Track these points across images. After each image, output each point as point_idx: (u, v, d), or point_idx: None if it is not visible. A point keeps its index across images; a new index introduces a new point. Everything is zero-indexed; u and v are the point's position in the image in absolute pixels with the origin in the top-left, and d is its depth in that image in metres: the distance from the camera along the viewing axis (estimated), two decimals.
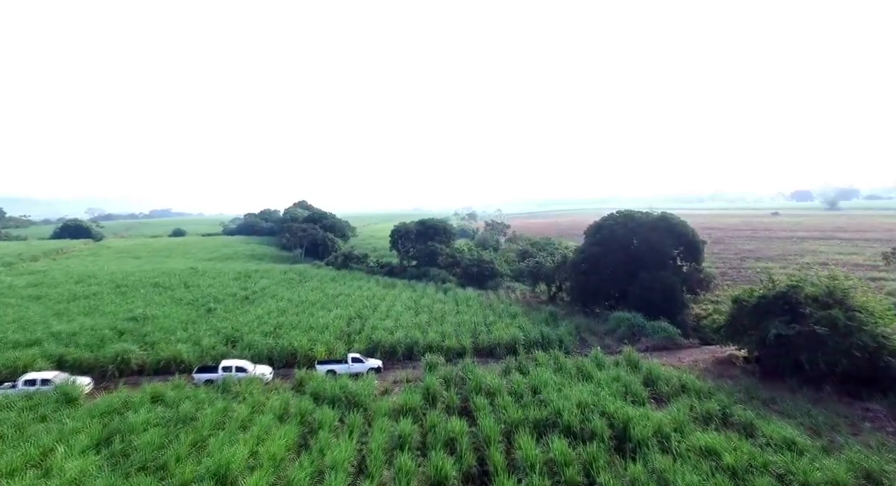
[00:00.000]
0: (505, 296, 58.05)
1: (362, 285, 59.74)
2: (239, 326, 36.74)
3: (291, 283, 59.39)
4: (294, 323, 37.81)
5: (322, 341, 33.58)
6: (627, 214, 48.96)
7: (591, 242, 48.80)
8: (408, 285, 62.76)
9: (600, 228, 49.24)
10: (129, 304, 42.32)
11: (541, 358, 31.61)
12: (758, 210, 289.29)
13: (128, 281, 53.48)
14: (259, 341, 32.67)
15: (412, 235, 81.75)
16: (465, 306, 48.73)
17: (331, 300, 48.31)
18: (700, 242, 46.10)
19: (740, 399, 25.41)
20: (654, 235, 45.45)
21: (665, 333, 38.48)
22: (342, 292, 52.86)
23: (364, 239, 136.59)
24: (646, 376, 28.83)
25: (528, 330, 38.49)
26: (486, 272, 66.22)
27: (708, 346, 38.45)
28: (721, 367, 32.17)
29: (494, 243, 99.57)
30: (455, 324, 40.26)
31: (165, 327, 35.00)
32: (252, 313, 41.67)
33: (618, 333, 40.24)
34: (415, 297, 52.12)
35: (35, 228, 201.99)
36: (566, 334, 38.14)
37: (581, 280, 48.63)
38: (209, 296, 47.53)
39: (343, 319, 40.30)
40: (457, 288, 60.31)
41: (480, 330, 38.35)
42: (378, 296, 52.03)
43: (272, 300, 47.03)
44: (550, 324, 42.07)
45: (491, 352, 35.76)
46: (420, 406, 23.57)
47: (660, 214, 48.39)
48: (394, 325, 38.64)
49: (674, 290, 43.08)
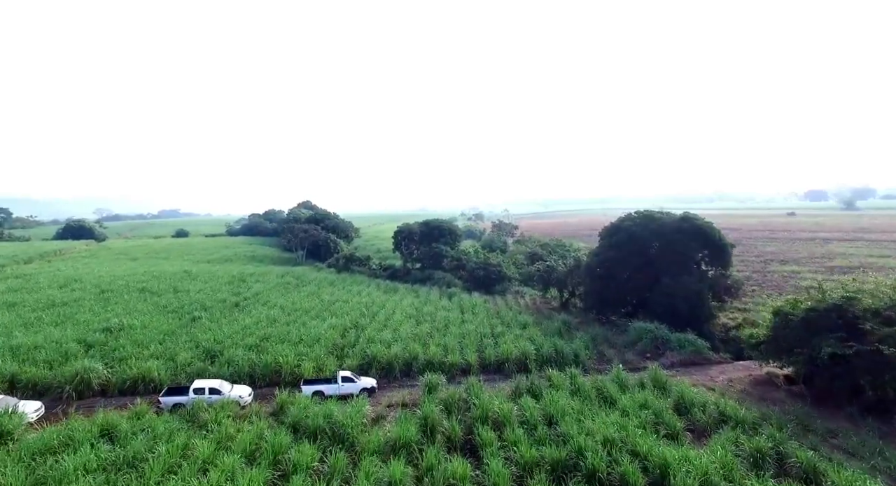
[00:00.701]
0: (514, 302, 54.45)
1: (362, 289, 56.41)
2: (222, 337, 33.49)
3: (287, 287, 56.20)
4: (282, 335, 34.49)
5: (311, 357, 30.20)
6: (647, 214, 45.13)
7: (607, 244, 45.03)
8: (410, 289, 59.38)
9: (617, 230, 45.45)
10: (108, 312, 39.23)
11: (555, 378, 27.97)
12: (772, 210, 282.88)
13: (114, 286, 50.55)
14: (241, 357, 29.36)
15: (416, 237, 78.36)
16: (471, 313, 45.20)
17: (326, 308, 44.97)
18: (728, 244, 42.20)
19: (793, 432, 21.66)
20: (677, 237, 41.62)
21: (693, 347, 34.65)
22: (339, 298, 49.55)
23: (368, 240, 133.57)
24: (677, 400, 25.11)
25: (539, 343, 34.87)
26: (494, 276, 62.67)
27: (740, 361, 34.55)
28: (761, 389, 28.30)
29: (502, 244, 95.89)
30: (459, 335, 36.73)
31: (140, 340, 31.74)
32: (239, 322, 38.43)
33: (639, 346, 36.47)
34: (417, 303, 48.66)
35: (41, 228, 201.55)
36: (582, 347, 34.46)
37: (596, 286, 44.90)
38: (197, 302, 44.41)
39: (337, 329, 36.92)
40: (462, 293, 56.79)
41: (487, 343, 34.78)
42: (378, 302, 48.64)
43: (263, 308, 43.79)
44: (564, 335, 38.44)
45: (499, 368, 32.17)
46: (416, 441, 20.08)
47: (682, 214, 44.53)
48: (392, 337, 35.20)
49: (700, 297, 39.23)
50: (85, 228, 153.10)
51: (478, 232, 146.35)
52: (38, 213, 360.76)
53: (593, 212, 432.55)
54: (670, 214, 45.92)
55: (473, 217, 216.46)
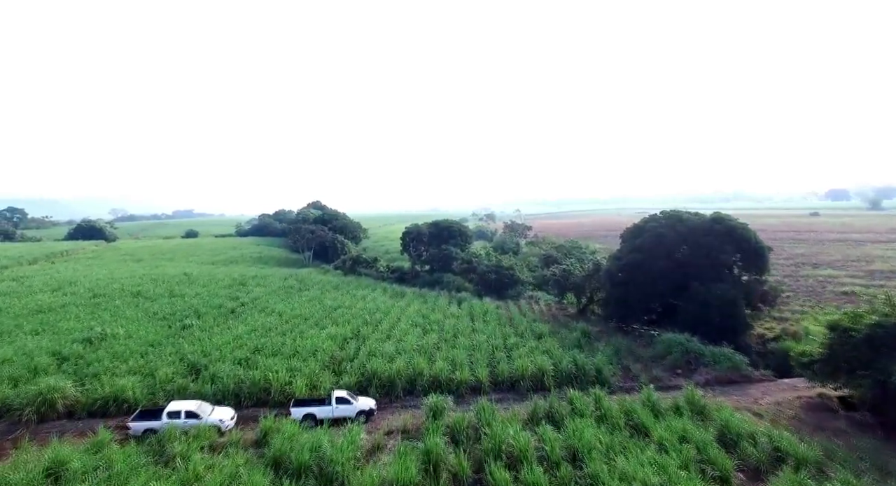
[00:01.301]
0: (528, 308, 51.09)
1: (367, 294, 53.55)
2: (211, 349, 30.81)
3: (289, 292, 53.62)
4: (276, 346, 31.70)
5: (304, 373, 27.31)
6: (673, 214, 41.49)
7: (629, 247, 41.48)
8: (418, 294, 56.39)
9: (641, 232, 41.89)
10: (95, 319, 36.86)
11: (577, 400, 24.68)
12: (792, 210, 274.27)
13: (108, 290, 48.40)
14: (227, 372, 26.60)
15: (425, 238, 75.40)
16: (482, 321, 42.02)
17: (327, 315, 42.16)
18: (765, 247, 38.37)
19: (863, 470, 18.17)
20: (708, 239, 37.96)
21: (729, 362, 31.03)
22: (342, 304, 46.73)
23: (377, 241, 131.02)
24: (721, 430, 21.67)
25: (557, 357, 31.58)
26: (506, 280, 59.39)
27: (784, 379, 30.83)
28: (817, 415, 24.64)
29: (514, 245, 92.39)
30: (469, 348, 33.60)
31: (121, 352, 29.17)
32: (232, 331, 35.79)
33: (668, 360, 32.94)
34: (424, 310, 45.62)
35: (55, 229, 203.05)
36: (605, 362, 31.04)
37: (618, 292, 41.37)
38: (191, 309, 41.94)
39: (336, 340, 34.04)
40: (473, 298, 53.63)
41: (499, 357, 31.57)
42: (382, 309, 45.70)
43: (260, 315, 41.13)
44: (584, 347, 35.05)
45: (513, 386, 28.96)
46: (416, 483, 17.05)
47: (713, 214, 40.80)
48: (395, 349, 32.20)
49: (734, 306, 35.53)
50: (96, 228, 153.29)
51: (489, 233, 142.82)
52: (57, 214, 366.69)
53: (607, 212, 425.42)
54: (699, 214, 42.22)
55: (485, 217, 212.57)
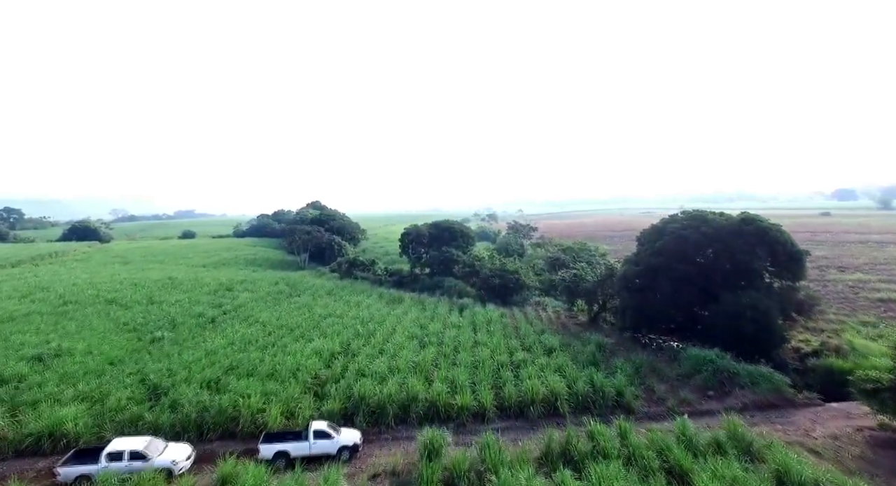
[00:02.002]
0: (535, 316, 47.26)
1: (362, 300, 49.83)
2: (178, 368, 27.15)
3: (278, 298, 49.97)
4: (253, 364, 28.01)
5: (281, 398, 23.62)
6: (697, 214, 37.63)
7: (649, 251, 37.62)
8: (417, 299, 52.63)
9: (660, 234, 38.04)
10: (56, 331, 33.26)
11: (598, 434, 20.91)
12: (801, 210, 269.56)
13: (80, 296, 44.83)
14: (190, 398, 22.94)
15: (425, 239, 71.65)
16: (486, 332, 38.27)
17: (316, 325, 38.47)
18: (801, 251, 34.45)
19: None
20: (737, 242, 34.09)
21: (769, 383, 27.18)
22: (334, 312, 43.03)
23: (376, 242, 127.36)
24: (777, 475, 17.85)
25: (571, 376, 27.82)
26: (511, 285, 55.52)
27: (832, 403, 26.96)
28: (887, 454, 20.78)
29: (518, 247, 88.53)
30: (471, 365, 29.84)
31: (73, 372, 25.49)
32: (208, 344, 32.14)
33: (696, 380, 29.06)
34: (422, 319, 41.89)
35: (50, 230, 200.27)
36: (626, 383, 27.24)
37: (636, 300, 37.53)
38: (166, 318, 38.33)
39: (322, 356, 30.32)
40: (475, 305, 49.85)
41: (506, 376, 27.77)
42: (377, 317, 41.99)
43: (241, 325, 37.47)
44: (600, 363, 31.24)
45: (521, 412, 25.20)
46: None
47: (742, 214, 36.92)
48: (388, 366, 28.47)
49: (769, 317, 31.62)
50: (90, 229, 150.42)
51: (492, 233, 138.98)
52: (59, 214, 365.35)
53: (610, 212, 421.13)
54: (723, 214, 38.36)
55: (487, 218, 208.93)
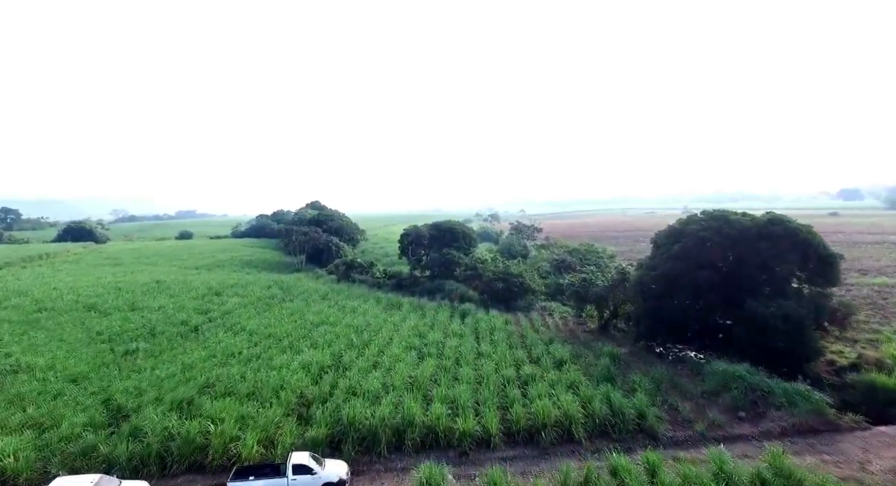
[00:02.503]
0: (541, 322, 44.46)
1: (358, 306, 47.06)
2: (149, 385, 24.46)
3: (269, 303, 47.23)
4: (233, 381, 25.28)
5: (259, 423, 20.85)
6: (719, 215, 34.75)
7: (666, 254, 34.76)
8: (416, 304, 49.86)
9: (679, 236, 35.18)
10: (22, 343, 30.55)
11: (622, 468, 18.13)
12: (808, 210, 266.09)
13: (58, 303, 42.18)
14: (156, 423, 20.21)
15: (425, 241, 68.85)
16: (489, 341, 35.51)
17: (307, 334, 35.73)
18: (835, 254, 31.54)
19: None
20: (764, 245, 31.21)
21: (809, 404, 24.31)
22: (327, 319, 40.27)
23: (376, 242, 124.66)
24: None
25: (585, 394, 25.03)
26: (515, 288, 52.67)
27: (880, 426, 24.06)
28: None
29: (522, 248, 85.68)
30: (474, 380, 27.06)
31: (26, 392, 22.77)
32: (187, 356, 29.44)
33: (725, 398, 26.15)
34: (422, 327, 39.12)
35: (49, 230, 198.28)
36: (647, 403, 24.43)
37: (652, 308, 34.72)
38: (146, 326, 35.66)
39: (311, 371, 27.56)
40: (478, 310, 47.11)
41: (513, 395, 24.95)
42: (374, 325, 39.24)
43: (225, 334, 34.75)
44: (615, 377, 28.43)
45: (531, 437, 22.39)
46: None
47: (768, 215, 34.04)
48: (382, 383, 25.73)
49: (802, 328, 28.76)
50: (85, 229, 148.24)
51: (494, 234, 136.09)
52: (61, 214, 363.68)
53: (612, 212, 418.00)
54: (746, 214, 35.50)
55: (489, 218, 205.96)
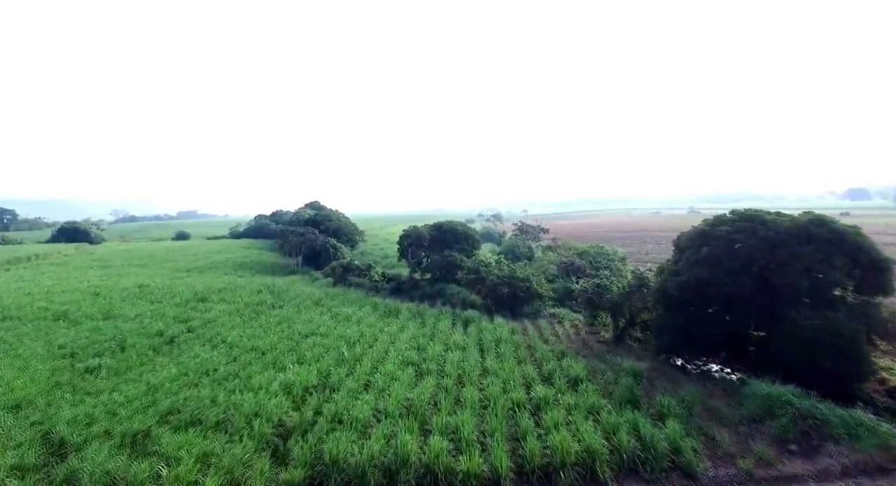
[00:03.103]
0: (550, 331, 40.93)
1: (352, 313, 43.60)
2: (103, 412, 21.02)
3: (258, 310, 43.81)
4: (202, 405, 21.81)
5: (224, 463, 17.38)
6: (752, 215, 31.18)
7: (692, 258, 31.18)
8: (415, 310, 46.40)
9: (706, 238, 31.60)
10: None
11: None
12: (816, 210, 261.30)
13: (26, 310, 38.80)
14: (98, 465, 16.80)
15: (425, 242, 65.48)
16: (495, 354, 32.04)
17: (293, 347, 32.27)
18: (888, 259, 27.95)
19: None
20: (808, 249, 27.68)
21: (874, 437, 20.70)
22: (317, 330, 36.81)
23: (376, 243, 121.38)
24: None
25: (608, 422, 21.51)
26: (521, 293, 49.19)
27: None
28: None
29: (527, 250, 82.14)
30: (479, 404, 23.58)
31: None
32: (155, 375, 26.00)
33: (771, 427, 22.51)
34: (421, 337, 35.69)
35: (45, 230, 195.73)
36: (681, 433, 20.90)
37: (676, 318, 31.15)
38: (117, 338, 32.25)
39: (293, 392, 24.08)
40: (482, 317, 43.63)
41: (525, 425, 21.41)
42: (368, 335, 35.82)
43: (203, 347, 31.30)
44: (640, 399, 24.91)
45: (547, 477, 18.86)
46: None
47: (809, 215, 30.51)
48: (374, 408, 22.28)
49: (856, 344, 25.19)
50: (80, 230, 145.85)
51: (497, 235, 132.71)
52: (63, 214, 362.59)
53: (616, 212, 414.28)
54: (783, 214, 31.97)
55: (492, 218, 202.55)
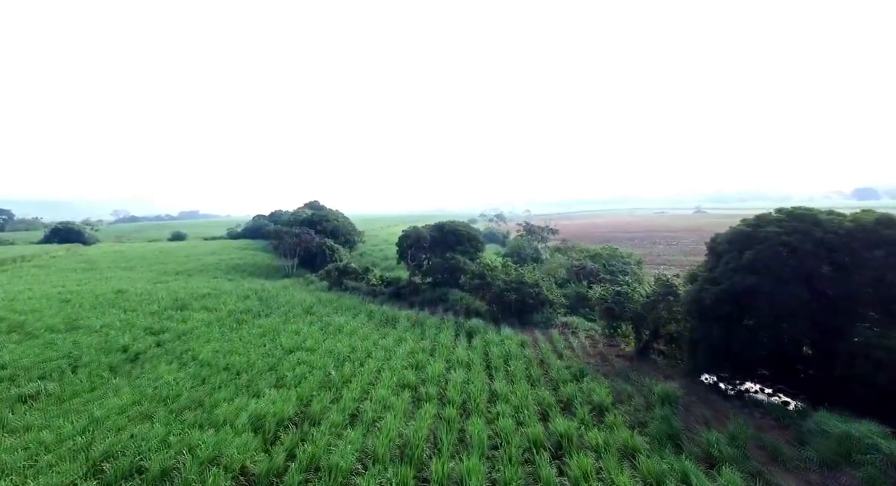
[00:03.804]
0: (564, 344, 36.79)
1: (345, 323, 39.54)
2: (22, 457, 17.01)
3: (241, 319, 39.81)
4: (148, 449, 17.76)
5: None
6: (804, 215, 26.95)
7: (733, 264, 26.94)
8: (414, 318, 42.33)
9: (748, 240, 27.37)
10: None
11: None
12: None
13: None
14: None
15: (426, 244, 61.37)
16: (504, 374, 27.92)
17: (274, 365, 28.20)
18: None
19: None
20: (878, 254, 23.49)
21: None
22: (302, 343, 32.72)
23: (376, 244, 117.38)
24: None
25: (650, 471, 17.34)
26: (530, 300, 45.09)
27: None
28: None
29: (533, 252, 77.95)
30: (488, 442, 19.46)
31: None
32: (102, 403, 21.95)
33: (847, 475, 18.45)
34: (420, 351, 31.61)
35: (37, 232, 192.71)
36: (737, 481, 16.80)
37: (715, 333, 26.91)
38: (72, 355, 28.24)
39: (266, 426, 19.96)
40: (488, 326, 39.60)
41: (545, 472, 17.26)
42: (361, 350, 31.74)
43: (170, 367, 27.24)
44: (681, 433, 20.77)
45: None
46: None
47: (872, 213, 26.24)
48: (360, 449, 18.19)
49: None
50: (73, 231, 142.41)
51: (500, 235, 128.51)
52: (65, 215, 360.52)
53: (618, 212, 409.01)
54: (838, 213, 27.71)
55: (495, 218, 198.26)
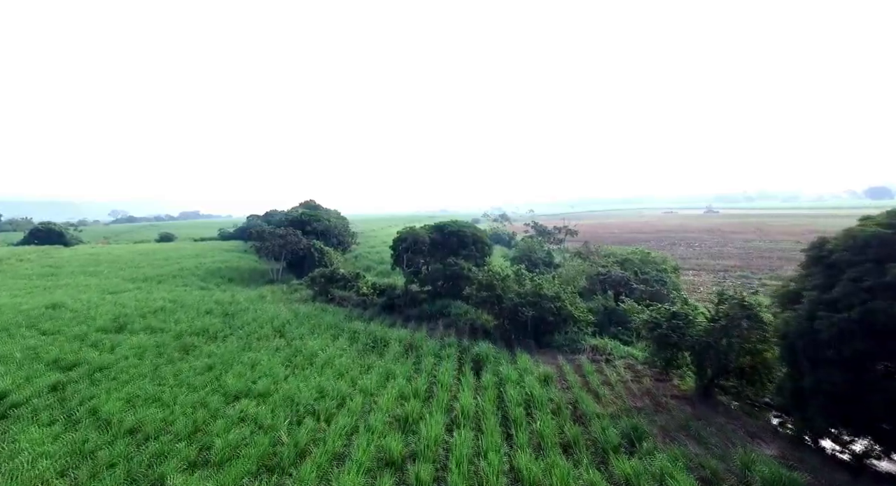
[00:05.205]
0: (598, 377, 28.49)
1: (322, 347, 31.32)
2: None
3: (190, 343, 31.56)
4: None
5: None
6: None
7: (868, 281, 18.58)
8: (408, 341, 34.10)
9: (890, 248, 19.01)
10: None
11: None
12: (839, 210, 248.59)
13: None
14: None
15: (425, 247, 53.15)
16: (527, 434, 19.70)
17: (206, 423, 19.98)
18: None
19: None
20: None
21: None
22: (255, 384, 24.43)
23: (374, 246, 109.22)
24: None
25: None
26: (550, 316, 36.84)
27: None
28: None
29: (546, 255, 69.50)
30: None
31: None
32: None
33: None
34: (412, 396, 23.38)
35: (16, 233, 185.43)
36: None
37: (838, 379, 18.58)
38: None
39: None
40: (500, 355, 31.38)
41: None
42: (333, 393, 23.51)
43: (44, 429, 18.96)
44: None
45: None
46: None
47: None
48: None
49: None
50: (54, 231, 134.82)
51: (506, 237, 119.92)
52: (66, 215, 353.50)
53: (626, 213, 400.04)
54: None
55: (499, 218, 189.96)
